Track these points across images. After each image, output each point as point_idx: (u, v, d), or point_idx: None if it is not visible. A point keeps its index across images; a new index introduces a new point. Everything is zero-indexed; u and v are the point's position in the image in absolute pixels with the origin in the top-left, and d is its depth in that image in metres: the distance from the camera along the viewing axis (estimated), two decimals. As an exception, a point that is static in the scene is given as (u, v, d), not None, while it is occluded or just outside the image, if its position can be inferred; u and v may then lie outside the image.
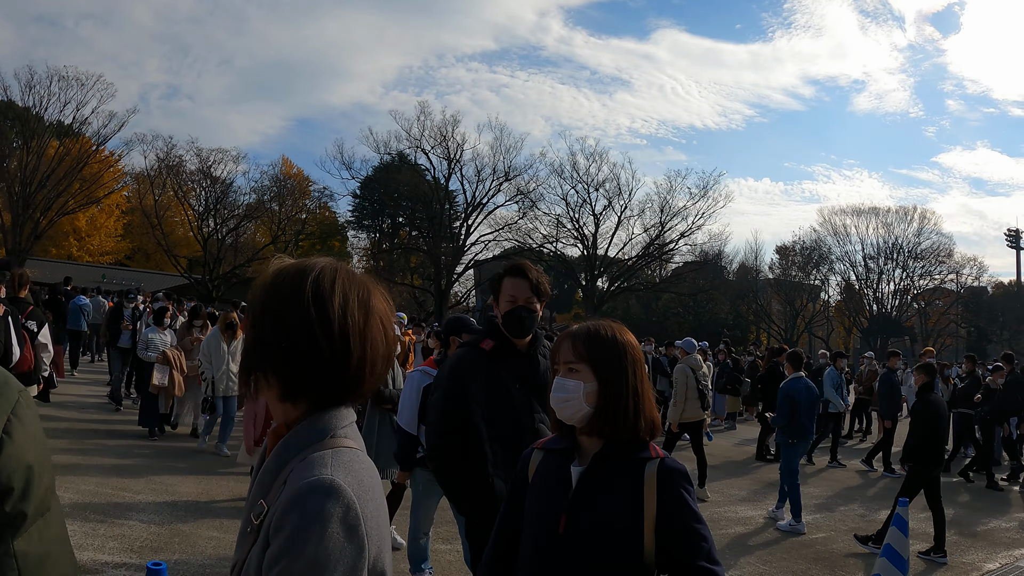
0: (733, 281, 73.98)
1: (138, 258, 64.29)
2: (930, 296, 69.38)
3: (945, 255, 66.09)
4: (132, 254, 64.96)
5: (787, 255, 71.19)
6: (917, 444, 9.14)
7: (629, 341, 2.58)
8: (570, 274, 60.55)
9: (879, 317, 66.34)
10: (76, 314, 19.93)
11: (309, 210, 66.37)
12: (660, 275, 66.88)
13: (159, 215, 53.12)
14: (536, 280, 4.16)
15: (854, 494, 13.52)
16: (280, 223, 58.58)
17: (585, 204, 56.86)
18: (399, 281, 62.66)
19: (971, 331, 69.00)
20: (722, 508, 11.22)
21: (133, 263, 63.98)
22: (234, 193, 55.83)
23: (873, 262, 66.97)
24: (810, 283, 70.30)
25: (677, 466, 2.44)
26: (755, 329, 71.82)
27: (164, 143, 52.02)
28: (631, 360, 2.53)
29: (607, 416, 2.46)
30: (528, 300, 4.11)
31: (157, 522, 8.05)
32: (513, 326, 4.14)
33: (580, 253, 58.65)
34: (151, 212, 52.57)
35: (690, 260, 61.50)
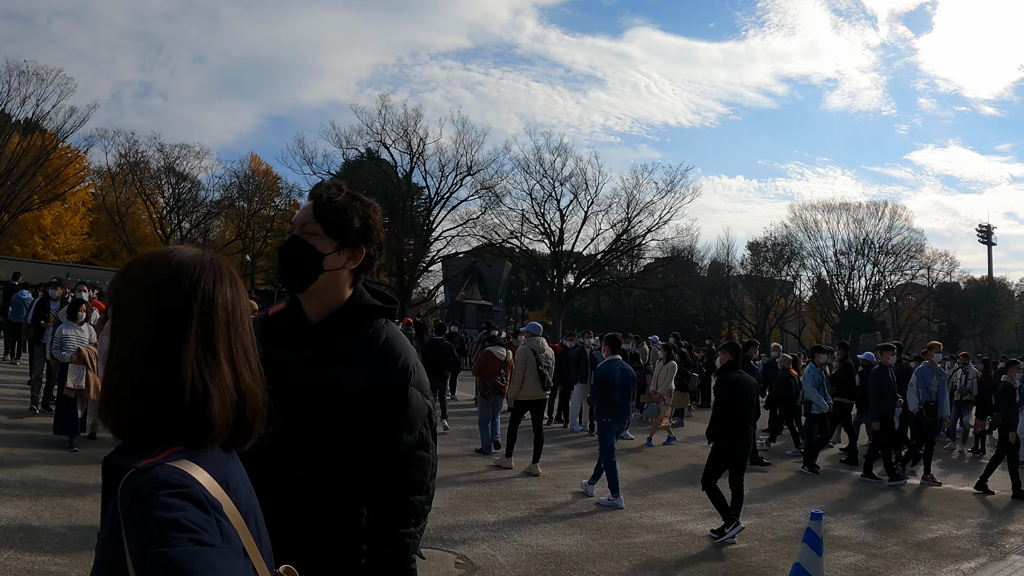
0: (705, 277, 73.88)
1: (105, 256, 63.50)
2: (902, 292, 69.49)
3: (916, 250, 66.42)
4: (99, 252, 64.22)
5: (759, 251, 71.07)
6: (717, 423, 9.41)
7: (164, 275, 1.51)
8: (537, 270, 60.13)
9: (850, 313, 66.33)
10: (19, 306, 20.05)
11: (277, 207, 65.89)
12: (631, 271, 66.62)
13: (122, 212, 52.61)
14: (328, 199, 2.51)
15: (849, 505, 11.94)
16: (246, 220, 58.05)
17: (551, 199, 56.88)
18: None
19: (943, 326, 69.04)
20: (639, 514, 10.29)
21: (99, 261, 63.21)
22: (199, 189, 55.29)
23: (844, 258, 67.09)
24: (782, 279, 70.17)
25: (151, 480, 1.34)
26: (727, 325, 71.68)
27: (126, 139, 51.53)
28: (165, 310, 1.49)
29: (107, 397, 1.51)
30: (304, 226, 2.53)
31: (66, 551, 6.79)
32: (279, 269, 2.80)
33: (548, 249, 58.22)
34: (114, 210, 52.04)
35: (660, 256, 61.38)
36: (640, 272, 66.52)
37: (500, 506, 9.87)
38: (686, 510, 10.55)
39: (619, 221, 57.30)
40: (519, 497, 10.53)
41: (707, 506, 9.66)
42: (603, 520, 9.65)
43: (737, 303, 73.19)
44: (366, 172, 57.63)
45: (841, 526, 10.32)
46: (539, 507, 10.05)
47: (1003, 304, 72.52)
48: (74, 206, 61.29)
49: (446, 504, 9.39)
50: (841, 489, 13.17)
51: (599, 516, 9.85)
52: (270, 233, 66.03)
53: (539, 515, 9.60)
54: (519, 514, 9.55)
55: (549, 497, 10.73)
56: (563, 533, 8.85)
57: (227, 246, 59.96)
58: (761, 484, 12.91)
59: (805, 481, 13.77)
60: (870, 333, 65.60)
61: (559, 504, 10.38)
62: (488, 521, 9.03)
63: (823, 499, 12.04)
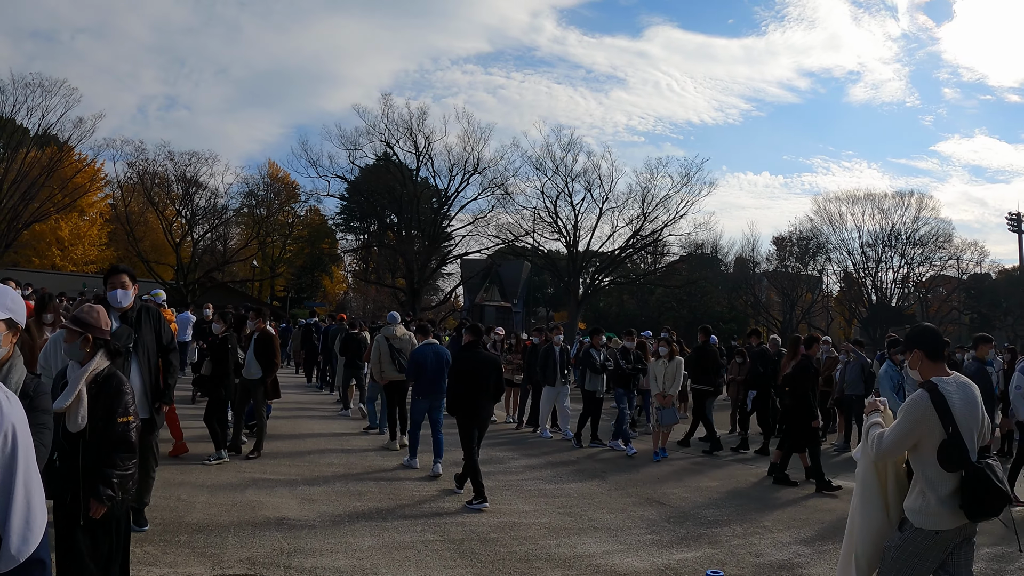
0: (730, 274, 72.83)
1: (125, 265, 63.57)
2: (931, 283, 67.98)
3: (944, 240, 64.60)
4: (119, 262, 64.13)
5: (784, 246, 69.81)
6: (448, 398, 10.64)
7: None
8: (553, 269, 59.33)
9: (879, 306, 64.90)
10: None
11: (295, 214, 65.73)
12: (654, 269, 65.76)
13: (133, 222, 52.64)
14: None
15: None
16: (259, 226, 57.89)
17: (563, 195, 55.99)
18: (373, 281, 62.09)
19: (973, 317, 67.47)
20: (555, 541, 8.22)
21: (119, 272, 63.19)
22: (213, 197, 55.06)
23: (871, 249, 65.53)
24: (808, 274, 68.90)
25: None
26: (753, 322, 70.51)
27: (134, 148, 51.40)
28: None
29: None
30: None
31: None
32: None
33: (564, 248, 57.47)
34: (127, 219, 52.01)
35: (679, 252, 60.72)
36: (663, 270, 65.68)
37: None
38: (621, 537, 8.54)
39: (635, 217, 56.34)
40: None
41: (652, 532, 8.78)
42: (473, 531, 8.37)
43: (763, 299, 71.93)
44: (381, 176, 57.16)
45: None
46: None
47: (1036, 294, 70.70)
48: (91, 217, 61.47)
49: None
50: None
51: (465, 526, 8.57)
52: (289, 239, 65.86)
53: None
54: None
55: (422, 494, 10.21)
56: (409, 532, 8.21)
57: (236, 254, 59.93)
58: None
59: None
60: (899, 327, 64.12)
61: (420, 501, 9.77)
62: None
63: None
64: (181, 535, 7.54)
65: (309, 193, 60.72)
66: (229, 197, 56.88)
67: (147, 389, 7.10)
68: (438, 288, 72.23)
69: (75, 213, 59.20)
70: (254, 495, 9.40)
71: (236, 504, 8.91)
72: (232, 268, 62.42)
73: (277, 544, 7.43)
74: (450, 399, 10.46)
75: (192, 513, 8.40)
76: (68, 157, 50.03)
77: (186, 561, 6.79)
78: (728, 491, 11.59)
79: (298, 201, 64.90)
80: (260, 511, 8.64)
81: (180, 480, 9.93)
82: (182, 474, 10.32)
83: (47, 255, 58.19)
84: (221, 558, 6.94)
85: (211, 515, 8.35)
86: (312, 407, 19.59)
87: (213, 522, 8.08)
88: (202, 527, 7.87)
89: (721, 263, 72.65)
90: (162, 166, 52.21)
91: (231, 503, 8.93)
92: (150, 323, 7.38)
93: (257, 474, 10.70)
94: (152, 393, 7.24)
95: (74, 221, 59.81)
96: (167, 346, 7.51)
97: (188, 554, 6.99)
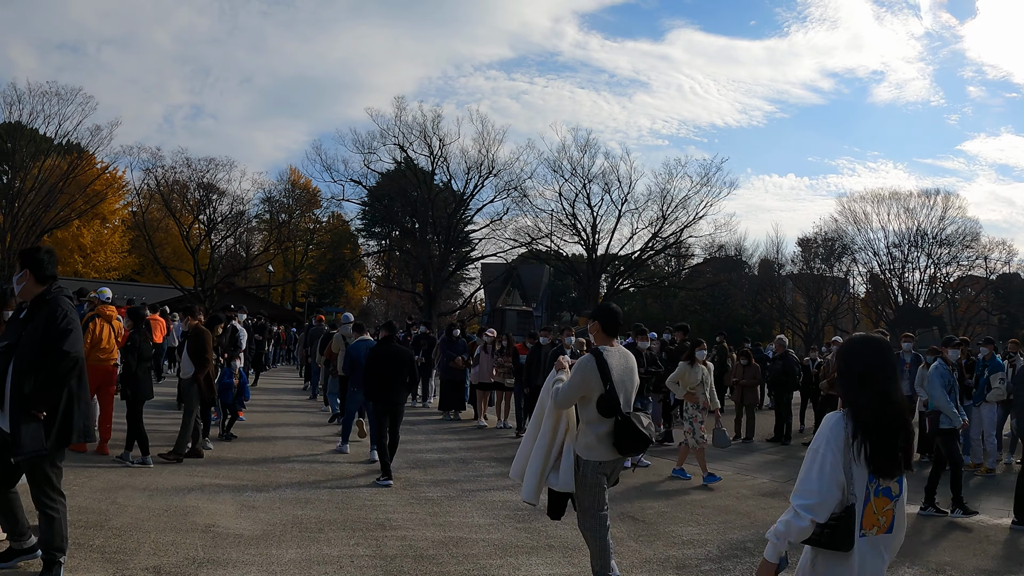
0: (755, 276, 72.12)
1: (148, 272, 63.75)
2: (960, 284, 66.94)
3: (971, 239, 63.63)
4: (142, 269, 64.52)
5: (809, 247, 69.00)
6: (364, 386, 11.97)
7: None
8: (572, 272, 58.84)
9: (906, 307, 64.00)
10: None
11: (317, 220, 65.74)
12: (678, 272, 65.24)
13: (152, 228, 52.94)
14: None
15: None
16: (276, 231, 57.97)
17: (580, 197, 55.60)
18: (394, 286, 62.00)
19: (1002, 318, 66.39)
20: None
21: (142, 278, 63.57)
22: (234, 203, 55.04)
23: (897, 250, 64.68)
24: (833, 275, 68.03)
25: None
26: (779, 325, 69.71)
27: (151, 155, 51.54)
28: None
29: None
30: None
31: None
32: None
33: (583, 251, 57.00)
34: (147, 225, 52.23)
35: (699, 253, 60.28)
36: (687, 272, 65.17)
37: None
38: (575, 558, 7.61)
39: (655, 219, 55.83)
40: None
41: (613, 553, 8.02)
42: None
43: (788, 302, 71.11)
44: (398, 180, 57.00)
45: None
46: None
47: (1066, 293, 69.58)
48: (113, 224, 61.79)
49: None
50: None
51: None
52: (311, 245, 65.90)
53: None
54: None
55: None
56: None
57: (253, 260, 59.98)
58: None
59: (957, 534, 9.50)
60: (927, 328, 63.27)
61: (368, 511, 9.52)
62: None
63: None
64: (97, 539, 7.23)
65: (329, 199, 60.73)
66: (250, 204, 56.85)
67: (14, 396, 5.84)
68: (460, 293, 72.04)
69: (97, 221, 59.56)
70: (194, 500, 9.07)
71: (169, 509, 8.57)
72: (255, 274, 62.43)
73: (193, 553, 7.07)
74: (366, 387, 11.79)
75: (120, 516, 8.09)
76: (87, 164, 50.31)
77: (89, 566, 6.48)
78: (716, 507, 10.55)
79: (319, 207, 64.98)
80: (192, 517, 8.29)
81: (124, 483, 9.65)
82: (129, 476, 10.05)
83: (69, 262, 58.49)
84: (127, 565, 6.61)
85: (138, 519, 8.03)
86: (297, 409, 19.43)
87: (137, 527, 7.76)
88: (123, 531, 7.56)
89: (745, 265, 72.04)
90: (180, 172, 52.23)
91: (165, 508, 8.61)
92: (42, 318, 6.02)
93: (208, 478, 10.37)
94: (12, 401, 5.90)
95: (96, 228, 60.17)
96: (51, 346, 5.97)
97: (95, 559, 6.69)
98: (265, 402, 20.13)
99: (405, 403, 12.19)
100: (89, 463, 10.62)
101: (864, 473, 3.56)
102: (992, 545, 8.96)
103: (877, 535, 3.62)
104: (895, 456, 3.59)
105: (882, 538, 3.65)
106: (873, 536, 3.61)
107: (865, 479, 3.57)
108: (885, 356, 3.79)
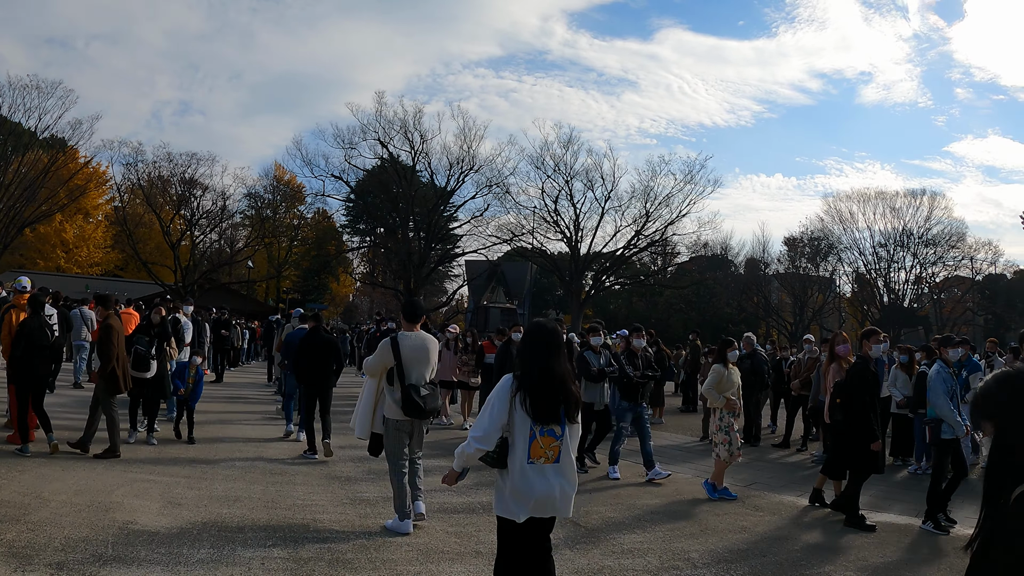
0: (741, 275, 72.07)
1: (132, 268, 63.41)
2: (945, 284, 66.92)
3: (957, 240, 63.57)
4: (125, 264, 64.17)
5: (795, 246, 68.91)
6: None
7: None
8: (555, 269, 58.62)
9: (891, 307, 63.88)
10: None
11: (302, 216, 65.42)
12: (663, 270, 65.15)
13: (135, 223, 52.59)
14: None
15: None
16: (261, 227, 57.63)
17: (563, 194, 55.41)
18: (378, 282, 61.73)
19: (988, 318, 66.33)
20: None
21: (126, 274, 63.22)
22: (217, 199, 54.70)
23: (883, 249, 64.59)
24: (819, 275, 67.94)
25: None
26: (764, 324, 69.57)
27: (132, 149, 51.17)
28: None
29: None
30: None
31: None
32: None
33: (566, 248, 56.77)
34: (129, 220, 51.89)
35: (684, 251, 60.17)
36: (673, 271, 65.08)
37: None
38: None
39: (639, 216, 55.60)
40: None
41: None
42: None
43: (774, 301, 71.01)
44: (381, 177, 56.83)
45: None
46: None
47: (1051, 294, 69.66)
48: (96, 220, 61.45)
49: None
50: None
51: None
52: (295, 241, 65.57)
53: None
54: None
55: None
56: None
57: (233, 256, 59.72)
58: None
59: (930, 549, 8.92)
60: (912, 328, 63.25)
61: (297, 510, 9.30)
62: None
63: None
64: (10, 533, 7.06)
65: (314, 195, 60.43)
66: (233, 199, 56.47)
67: None
68: (444, 290, 71.78)
69: (80, 216, 59.26)
70: (121, 496, 8.84)
71: (92, 504, 8.36)
72: (240, 270, 62.13)
73: (101, 550, 6.87)
74: (296, 372, 13.38)
75: (40, 511, 7.88)
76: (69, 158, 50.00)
77: (-9, 560, 6.28)
78: (667, 511, 10.07)
79: (304, 203, 64.67)
80: (112, 514, 8.07)
81: (56, 477, 9.47)
82: (62, 471, 9.84)
83: (51, 257, 58.31)
84: (31, 560, 6.43)
85: (58, 515, 7.82)
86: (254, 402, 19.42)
87: (54, 522, 7.55)
88: (38, 526, 7.36)
89: (731, 264, 71.99)
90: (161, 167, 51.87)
91: (88, 503, 8.39)
92: None
93: (142, 474, 10.17)
94: None
95: (79, 223, 59.86)
96: None
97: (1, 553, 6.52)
98: (225, 396, 20.13)
99: (333, 388, 13.29)
100: (22, 457, 10.44)
101: (527, 419, 5.03)
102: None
103: (545, 464, 5.08)
104: (550, 408, 5.07)
105: (551, 467, 5.09)
106: (541, 464, 5.07)
107: (528, 423, 5.04)
108: (549, 337, 5.33)
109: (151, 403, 12.73)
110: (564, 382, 5.20)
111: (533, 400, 5.05)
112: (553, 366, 5.17)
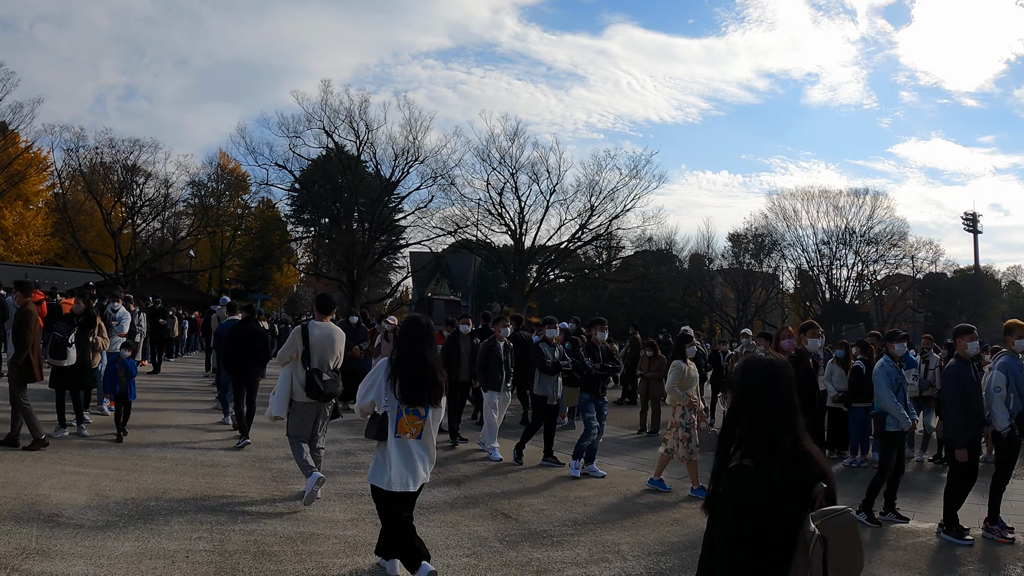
0: (685, 270, 72.56)
1: (72, 256, 62.33)
2: (887, 281, 67.98)
3: (899, 239, 64.94)
4: (65, 253, 63.06)
5: (739, 243, 69.61)
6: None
7: None
8: (499, 262, 58.64)
9: (833, 303, 64.78)
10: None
11: (246, 205, 64.72)
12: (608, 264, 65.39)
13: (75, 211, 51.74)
14: None
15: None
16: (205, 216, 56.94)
17: (508, 186, 55.61)
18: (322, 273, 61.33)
19: (928, 315, 67.44)
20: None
21: (66, 262, 62.09)
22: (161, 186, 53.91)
23: (826, 247, 65.54)
24: (763, 271, 68.72)
25: None
26: (708, 319, 70.16)
27: (73, 135, 50.28)
28: None
29: None
30: None
31: None
32: None
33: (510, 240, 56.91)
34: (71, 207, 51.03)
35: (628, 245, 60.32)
36: (618, 265, 65.34)
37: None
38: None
39: (584, 210, 55.97)
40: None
41: (472, 555, 8.09)
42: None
43: (718, 296, 71.66)
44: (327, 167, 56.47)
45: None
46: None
47: (990, 293, 71.31)
48: (36, 207, 60.27)
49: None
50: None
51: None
52: (239, 231, 64.85)
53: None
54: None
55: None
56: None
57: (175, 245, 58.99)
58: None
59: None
60: (853, 324, 64.17)
61: (229, 499, 9.31)
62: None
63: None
64: (-66, 526, 6.95)
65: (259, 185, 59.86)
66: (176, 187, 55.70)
67: None
68: (388, 281, 71.55)
69: (20, 202, 58.07)
70: (48, 488, 8.75)
71: (21, 496, 8.28)
72: (182, 260, 61.33)
73: (25, 543, 6.81)
74: (225, 362, 14.06)
75: (-36, 505, 7.77)
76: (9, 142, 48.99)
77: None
78: (600, 505, 10.09)
79: (248, 192, 64.03)
80: (40, 505, 8.01)
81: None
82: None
83: (-11, 245, 57.11)
84: (-48, 554, 6.33)
85: (-14, 507, 7.74)
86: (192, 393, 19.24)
87: (-20, 514, 7.46)
88: (-37, 519, 7.27)
89: (676, 259, 72.43)
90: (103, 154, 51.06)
91: (17, 495, 8.31)
92: None
93: (71, 466, 10.04)
94: None
95: (19, 211, 58.65)
96: None
97: (-78, 549, 6.42)
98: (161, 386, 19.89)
99: (259, 377, 13.57)
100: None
101: (395, 399, 6.20)
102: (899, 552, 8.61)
103: (410, 439, 6.24)
104: (416, 391, 6.20)
105: (414, 442, 6.26)
106: (407, 439, 6.23)
107: (397, 403, 6.20)
108: (424, 330, 6.46)
109: (75, 394, 12.42)
110: (432, 370, 6.34)
111: (402, 383, 6.23)
112: (425, 355, 6.36)
